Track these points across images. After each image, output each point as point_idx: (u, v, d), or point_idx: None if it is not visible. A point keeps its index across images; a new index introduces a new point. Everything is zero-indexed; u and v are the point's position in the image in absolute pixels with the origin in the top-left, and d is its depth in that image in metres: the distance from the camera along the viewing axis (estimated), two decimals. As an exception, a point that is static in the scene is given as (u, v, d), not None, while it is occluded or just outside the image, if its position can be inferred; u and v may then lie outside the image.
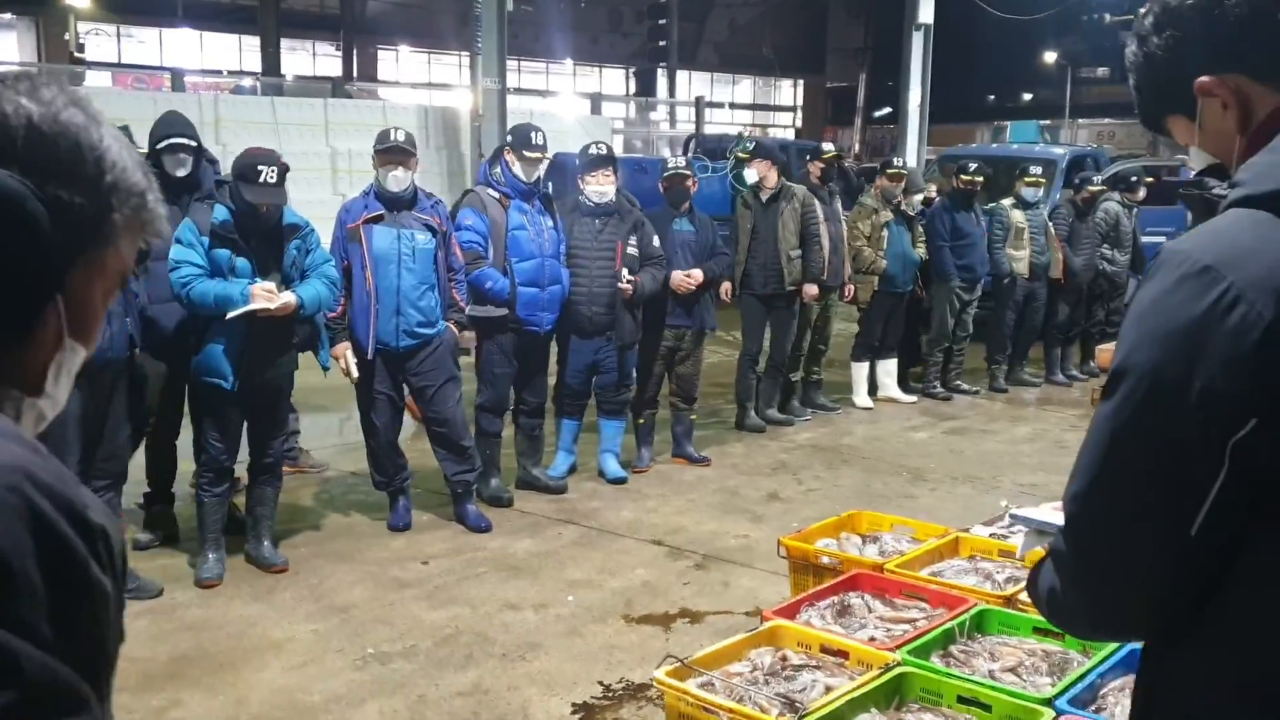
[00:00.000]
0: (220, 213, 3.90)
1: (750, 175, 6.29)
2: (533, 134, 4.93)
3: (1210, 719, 1.01)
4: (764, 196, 6.22)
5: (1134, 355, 0.97)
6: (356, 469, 5.38)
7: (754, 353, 6.44)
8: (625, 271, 5.13)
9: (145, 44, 25.26)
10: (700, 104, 16.35)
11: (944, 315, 7.36)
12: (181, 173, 4.34)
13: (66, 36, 22.69)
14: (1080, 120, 28.77)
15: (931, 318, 7.45)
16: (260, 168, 3.85)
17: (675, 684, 2.68)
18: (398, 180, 4.49)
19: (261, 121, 10.97)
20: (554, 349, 5.37)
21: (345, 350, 4.44)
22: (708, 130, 19.43)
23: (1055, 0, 19.50)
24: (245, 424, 4.12)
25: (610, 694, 3.29)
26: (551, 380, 5.41)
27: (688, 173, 5.75)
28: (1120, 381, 0.98)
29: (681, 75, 27.34)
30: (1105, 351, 4.78)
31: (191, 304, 3.91)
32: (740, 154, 6.51)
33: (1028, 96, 33.67)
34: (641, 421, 5.73)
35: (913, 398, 7.35)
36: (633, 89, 27.96)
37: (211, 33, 25.29)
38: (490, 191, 4.99)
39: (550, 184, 5.46)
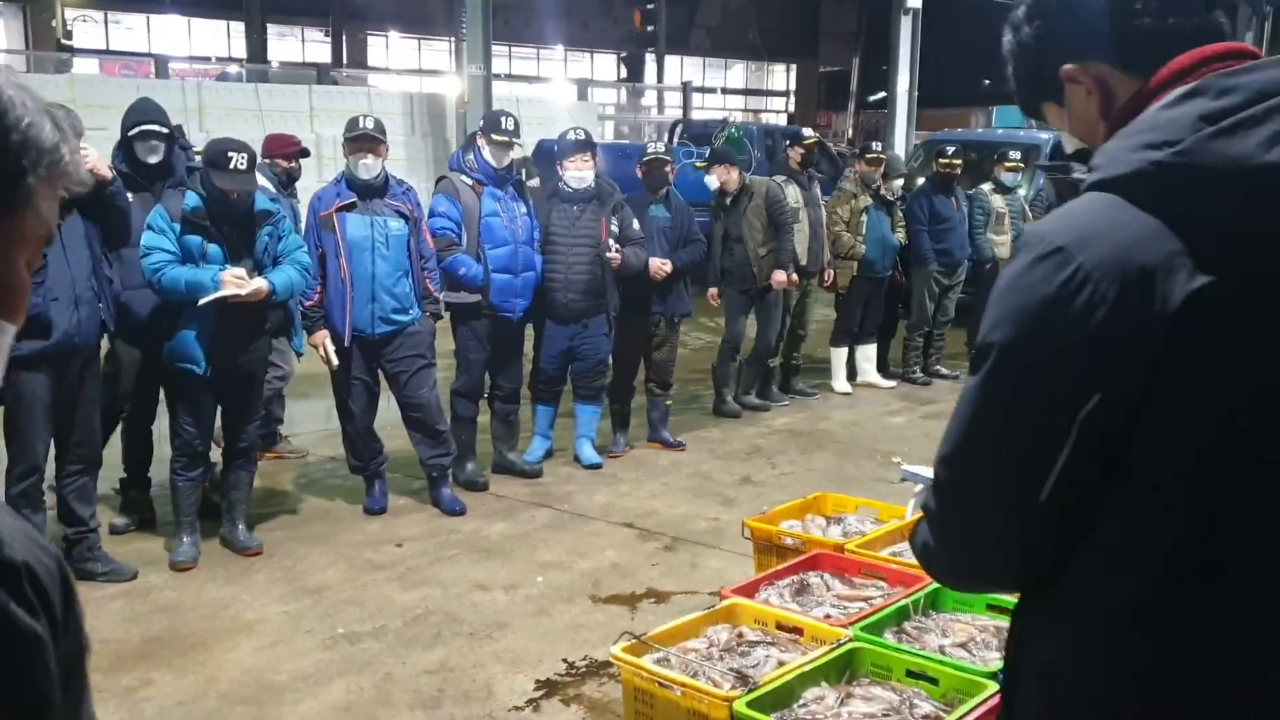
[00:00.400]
0: (191, 199, 3.94)
1: (711, 182, 6.32)
2: (503, 119, 4.96)
3: (1060, 668, 1.08)
4: (727, 200, 6.28)
5: (994, 332, 1.03)
6: (335, 454, 5.43)
7: (736, 341, 6.49)
8: (611, 242, 5.17)
9: (133, 30, 25.14)
10: (688, 89, 16.34)
11: (923, 300, 7.40)
12: (154, 159, 4.36)
13: (54, 23, 22.59)
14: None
15: (911, 303, 7.50)
16: (230, 154, 3.88)
17: (631, 659, 2.74)
18: (368, 168, 4.52)
19: (245, 108, 10.95)
20: (531, 334, 5.42)
21: (324, 338, 4.49)
22: (701, 115, 19.42)
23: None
24: (219, 409, 4.17)
25: (574, 671, 3.36)
26: (528, 366, 5.46)
27: (666, 158, 5.79)
28: (983, 356, 1.04)
29: (673, 60, 27.27)
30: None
31: (163, 290, 3.95)
32: (698, 164, 6.55)
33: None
34: (618, 407, 5.78)
35: (892, 383, 7.40)
36: (622, 74, 27.90)
37: (199, 19, 25.19)
38: (464, 178, 5.02)
39: (522, 171, 5.49)
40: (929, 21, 13.69)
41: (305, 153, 5.53)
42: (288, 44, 25.81)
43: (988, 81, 33.69)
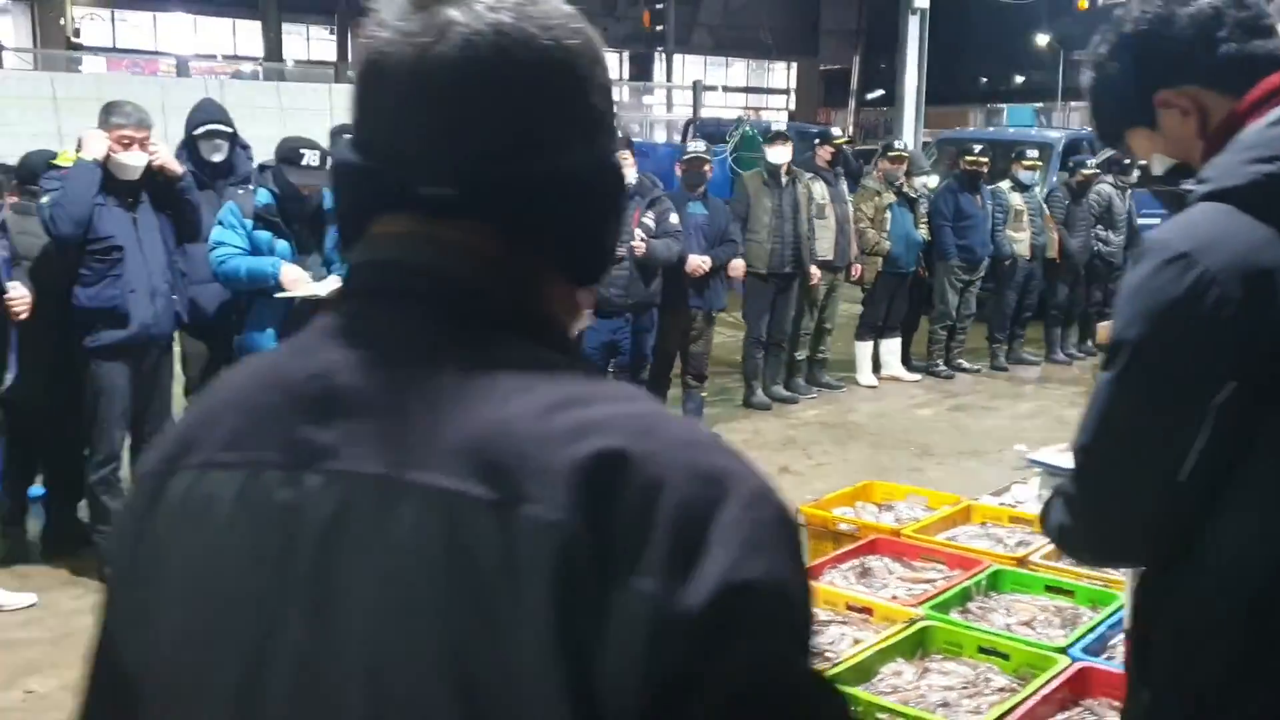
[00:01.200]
0: (264, 196, 4.05)
1: (783, 154, 6.40)
2: None
3: (1194, 626, 1.20)
4: (782, 177, 6.39)
5: (1127, 331, 1.15)
6: None
7: (759, 334, 6.62)
8: (639, 232, 5.29)
9: (139, 28, 25.19)
10: (698, 88, 16.47)
11: (945, 294, 7.55)
12: (217, 158, 4.48)
13: (62, 21, 22.62)
14: (1073, 103, 28.91)
15: (934, 297, 7.64)
16: (303, 151, 4.00)
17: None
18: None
19: (266, 106, 11.02)
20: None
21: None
22: (704, 114, 19.54)
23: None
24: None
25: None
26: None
27: (706, 157, 5.92)
28: (1117, 354, 1.16)
29: (675, 58, 27.42)
30: (1105, 329, 4.95)
31: (224, 278, 4.05)
32: (776, 131, 6.62)
33: (1020, 79, 33.80)
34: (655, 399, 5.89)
35: (916, 376, 7.54)
36: (627, 73, 28.01)
37: (205, 17, 25.25)
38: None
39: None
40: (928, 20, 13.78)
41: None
42: (293, 41, 25.86)
43: (985, 80, 33.98)
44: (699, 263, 5.65)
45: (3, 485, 4.22)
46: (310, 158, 3.99)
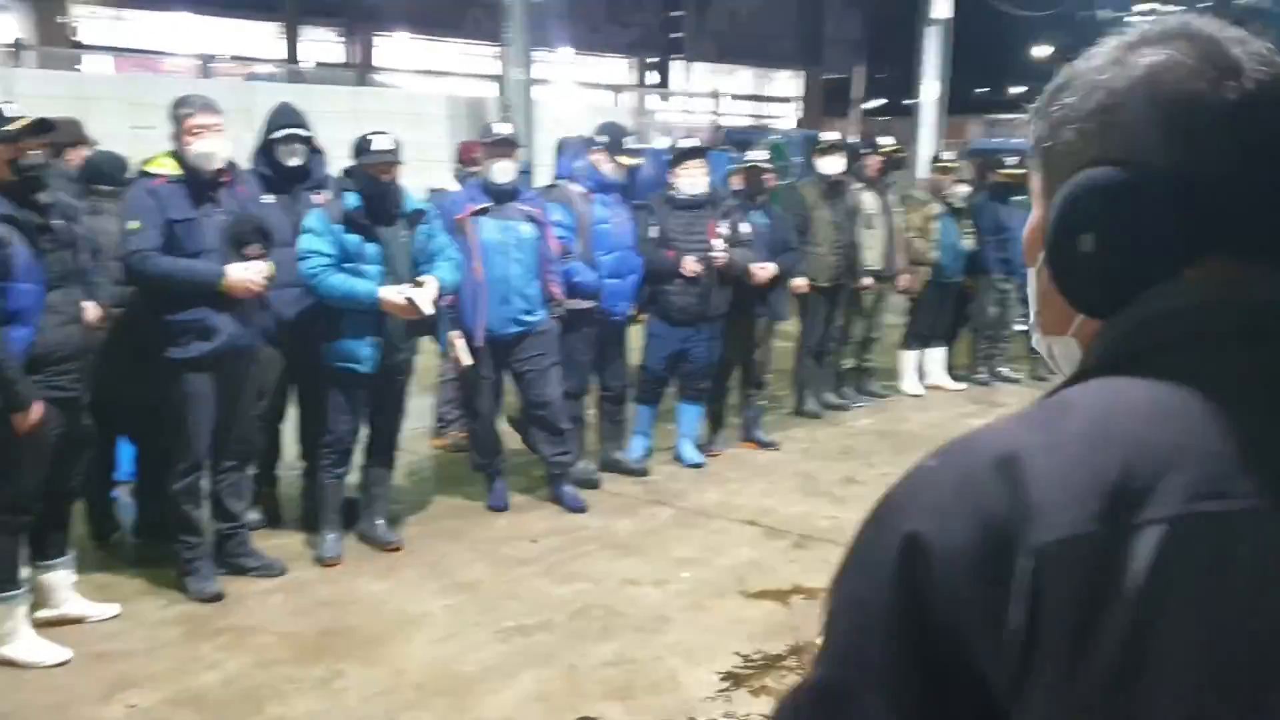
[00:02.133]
0: (352, 199, 4.03)
1: (837, 165, 6.40)
2: (625, 138, 5.10)
3: None
4: (835, 189, 6.39)
5: None
6: (430, 451, 5.66)
7: (813, 343, 6.61)
8: (719, 242, 5.27)
9: (140, 28, 25.04)
10: (717, 96, 16.51)
11: (984, 304, 7.55)
12: (295, 162, 4.44)
13: (60, 19, 22.44)
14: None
15: (970, 307, 7.63)
16: (371, 137, 4.06)
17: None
18: (505, 171, 4.61)
19: (293, 109, 10.97)
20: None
21: (457, 338, 4.57)
22: (706, 121, 19.57)
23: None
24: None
25: (750, 663, 3.45)
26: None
27: (765, 166, 5.89)
28: None
29: (679, 66, 27.46)
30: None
31: (319, 295, 4.04)
32: (829, 142, 6.61)
33: (1017, 90, 33.86)
34: (715, 407, 5.88)
35: (961, 385, 7.54)
36: (633, 79, 28.04)
37: (211, 17, 25.12)
38: (574, 186, 5.12)
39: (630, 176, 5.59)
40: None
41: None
42: (302, 43, 25.78)
43: (984, 90, 34.02)
44: (757, 269, 5.62)
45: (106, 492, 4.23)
46: (380, 141, 4.03)
